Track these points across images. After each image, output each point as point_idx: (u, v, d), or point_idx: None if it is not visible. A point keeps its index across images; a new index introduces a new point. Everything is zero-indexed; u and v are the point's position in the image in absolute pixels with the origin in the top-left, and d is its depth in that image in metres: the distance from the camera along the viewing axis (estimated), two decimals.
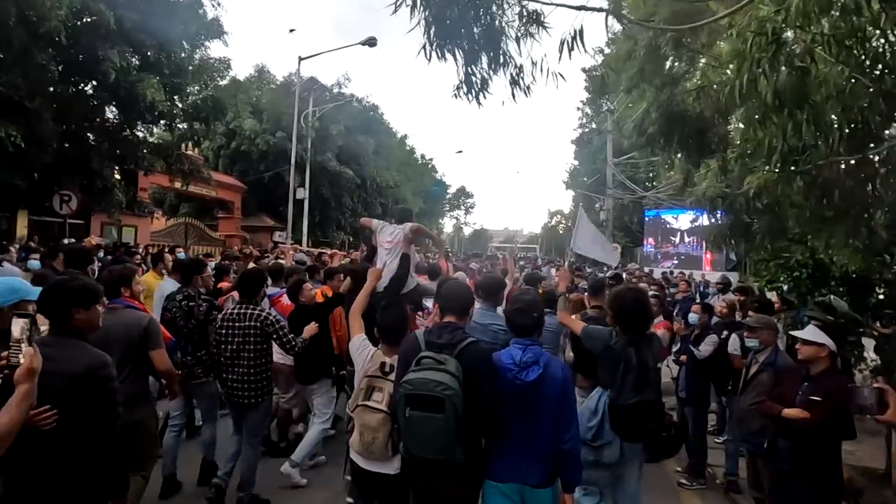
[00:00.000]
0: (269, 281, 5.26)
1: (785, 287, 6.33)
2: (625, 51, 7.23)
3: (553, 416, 2.44)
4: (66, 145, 10.99)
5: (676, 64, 7.61)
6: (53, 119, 10.42)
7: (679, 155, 8.49)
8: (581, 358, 3.91)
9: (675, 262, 22.09)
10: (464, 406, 2.25)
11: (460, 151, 68.36)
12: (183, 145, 19.02)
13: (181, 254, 8.38)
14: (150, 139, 15.13)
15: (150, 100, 10.30)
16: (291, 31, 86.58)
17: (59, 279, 2.34)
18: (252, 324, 3.85)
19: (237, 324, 3.87)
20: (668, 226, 23.21)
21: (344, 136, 24.84)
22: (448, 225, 57.78)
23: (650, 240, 23.88)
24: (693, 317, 5.18)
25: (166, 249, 7.97)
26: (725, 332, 4.89)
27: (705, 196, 6.29)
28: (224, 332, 3.90)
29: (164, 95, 11.02)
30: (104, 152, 12.03)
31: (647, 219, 24.30)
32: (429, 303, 4.67)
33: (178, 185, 16.86)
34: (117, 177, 16.27)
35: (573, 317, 3.68)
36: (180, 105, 14.06)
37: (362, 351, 2.89)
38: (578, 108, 35.49)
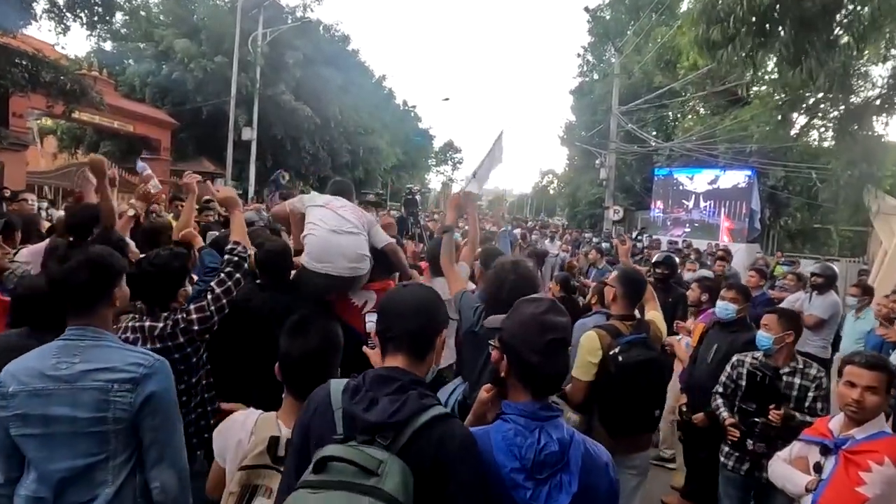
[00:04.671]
0: None
1: None
2: None
3: None
4: None
5: None
6: None
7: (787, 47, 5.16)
8: None
9: (688, 229, 18.85)
10: None
11: (447, 99, 63.61)
12: (89, 66, 15.21)
13: None
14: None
15: None
16: None
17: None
18: None
19: None
20: (680, 187, 19.78)
21: (303, 67, 20.75)
22: (435, 181, 53.32)
23: (658, 203, 20.46)
24: None
25: None
26: None
27: None
28: None
29: None
30: None
31: (656, 178, 20.81)
32: None
33: (69, 113, 12.90)
34: None
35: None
36: None
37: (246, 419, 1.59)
38: (579, 55, 31.08)
